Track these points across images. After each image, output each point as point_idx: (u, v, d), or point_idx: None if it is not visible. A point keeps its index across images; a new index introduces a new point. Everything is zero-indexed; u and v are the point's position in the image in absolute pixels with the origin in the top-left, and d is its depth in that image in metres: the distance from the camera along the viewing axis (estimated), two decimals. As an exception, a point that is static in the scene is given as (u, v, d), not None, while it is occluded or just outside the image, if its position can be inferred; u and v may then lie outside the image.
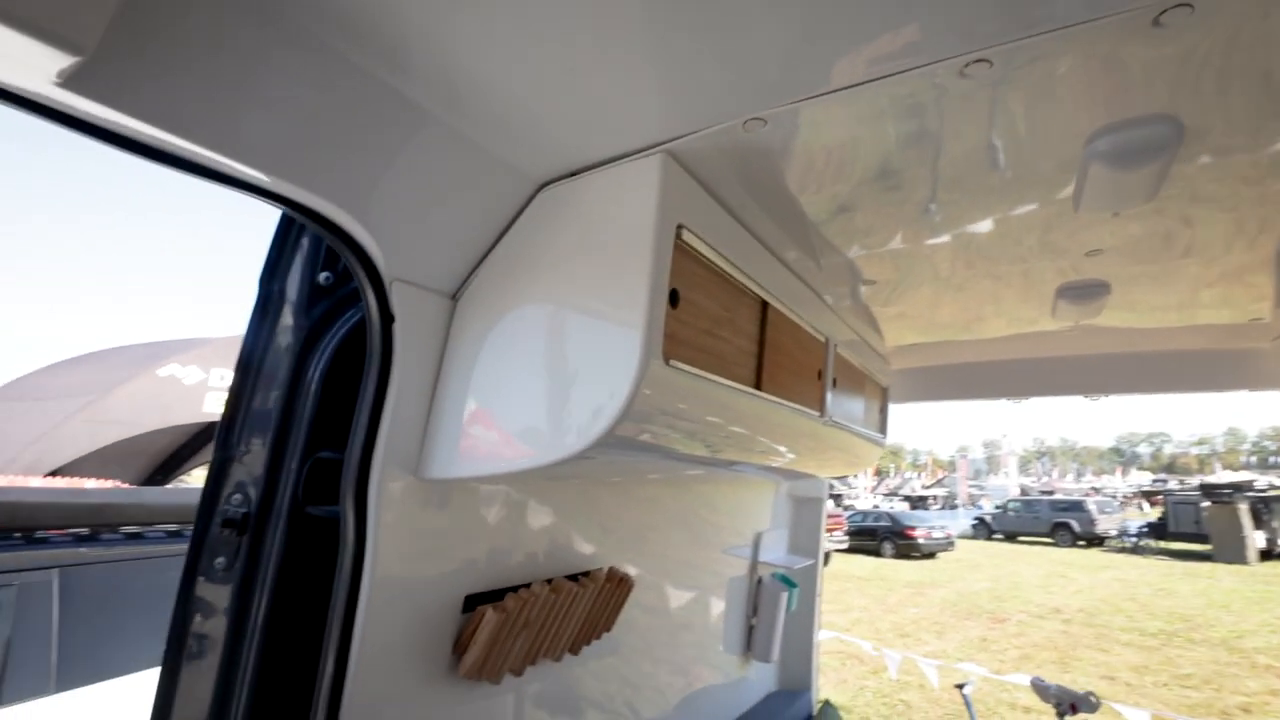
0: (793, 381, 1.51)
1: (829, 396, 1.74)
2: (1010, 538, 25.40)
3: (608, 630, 1.55)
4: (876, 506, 31.35)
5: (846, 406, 1.97)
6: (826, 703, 2.78)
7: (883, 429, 2.50)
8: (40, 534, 3.00)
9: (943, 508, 43.00)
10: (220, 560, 1.02)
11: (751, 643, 2.47)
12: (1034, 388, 2.50)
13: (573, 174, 1.06)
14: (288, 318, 1.07)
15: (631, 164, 1.02)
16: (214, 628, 1.01)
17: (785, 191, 1.15)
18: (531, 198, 1.10)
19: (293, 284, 1.09)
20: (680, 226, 1.01)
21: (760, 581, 2.50)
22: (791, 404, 1.47)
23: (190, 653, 1.02)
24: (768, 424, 1.40)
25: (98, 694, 2.57)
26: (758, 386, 1.32)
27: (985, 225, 1.27)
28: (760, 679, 2.74)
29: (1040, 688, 2.23)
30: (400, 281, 1.02)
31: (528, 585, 1.28)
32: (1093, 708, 2.13)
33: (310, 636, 1.02)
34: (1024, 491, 36.78)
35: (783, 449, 1.59)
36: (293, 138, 0.84)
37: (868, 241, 1.39)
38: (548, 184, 1.09)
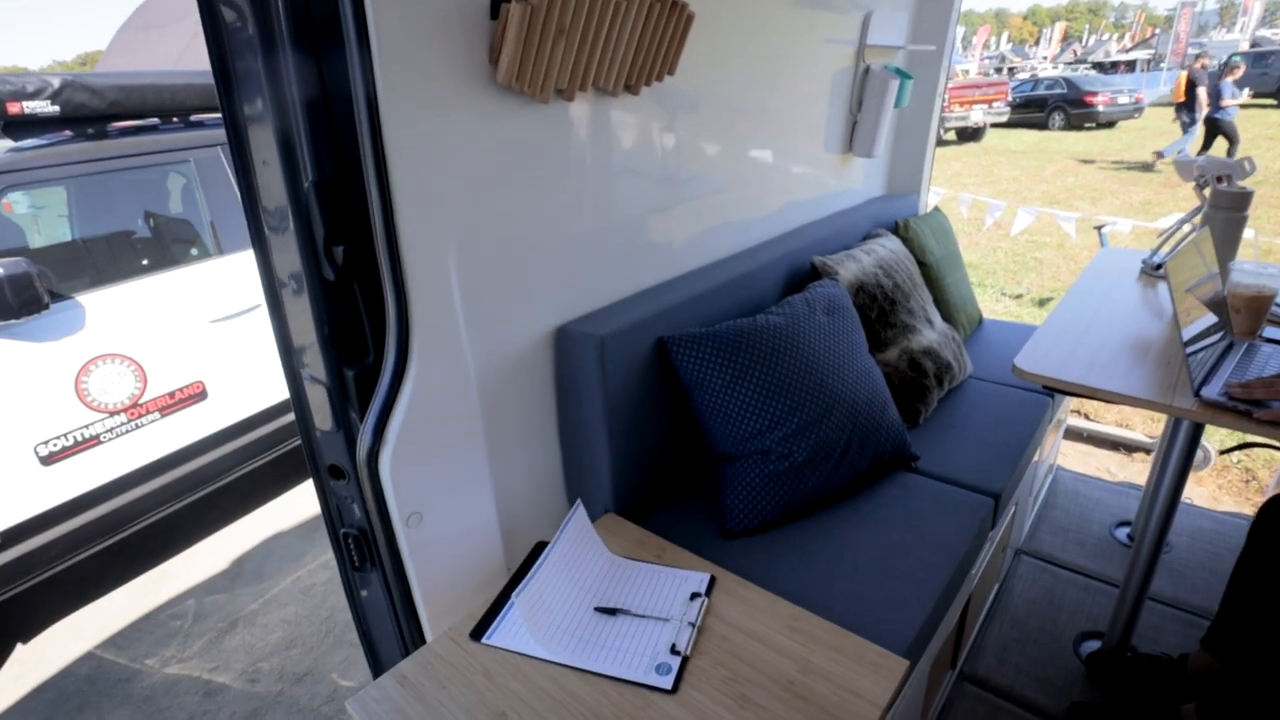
0: None
1: None
2: (1220, 100, 21.43)
3: (670, 74, 1.46)
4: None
5: None
6: (936, 209, 2.71)
7: None
8: (195, 118, 3.28)
9: (1144, 72, 36.33)
10: None
11: (854, 139, 2.35)
12: None
13: None
14: None
15: None
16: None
17: None
18: None
19: None
20: None
21: (868, 70, 2.25)
22: None
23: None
24: None
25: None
26: None
27: None
28: (868, 184, 2.68)
29: (1183, 164, 1.99)
30: None
31: None
32: (1244, 173, 1.89)
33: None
34: (1255, 45, 29.39)
35: None
36: None
37: None
38: None
